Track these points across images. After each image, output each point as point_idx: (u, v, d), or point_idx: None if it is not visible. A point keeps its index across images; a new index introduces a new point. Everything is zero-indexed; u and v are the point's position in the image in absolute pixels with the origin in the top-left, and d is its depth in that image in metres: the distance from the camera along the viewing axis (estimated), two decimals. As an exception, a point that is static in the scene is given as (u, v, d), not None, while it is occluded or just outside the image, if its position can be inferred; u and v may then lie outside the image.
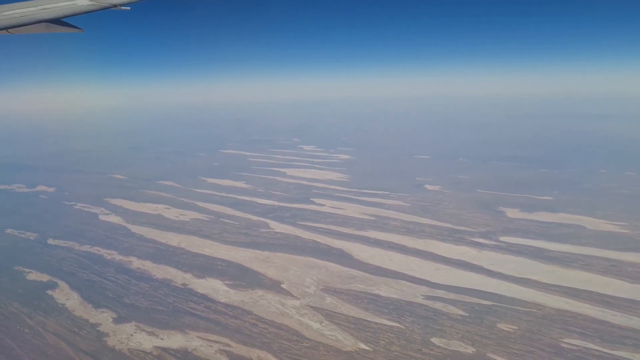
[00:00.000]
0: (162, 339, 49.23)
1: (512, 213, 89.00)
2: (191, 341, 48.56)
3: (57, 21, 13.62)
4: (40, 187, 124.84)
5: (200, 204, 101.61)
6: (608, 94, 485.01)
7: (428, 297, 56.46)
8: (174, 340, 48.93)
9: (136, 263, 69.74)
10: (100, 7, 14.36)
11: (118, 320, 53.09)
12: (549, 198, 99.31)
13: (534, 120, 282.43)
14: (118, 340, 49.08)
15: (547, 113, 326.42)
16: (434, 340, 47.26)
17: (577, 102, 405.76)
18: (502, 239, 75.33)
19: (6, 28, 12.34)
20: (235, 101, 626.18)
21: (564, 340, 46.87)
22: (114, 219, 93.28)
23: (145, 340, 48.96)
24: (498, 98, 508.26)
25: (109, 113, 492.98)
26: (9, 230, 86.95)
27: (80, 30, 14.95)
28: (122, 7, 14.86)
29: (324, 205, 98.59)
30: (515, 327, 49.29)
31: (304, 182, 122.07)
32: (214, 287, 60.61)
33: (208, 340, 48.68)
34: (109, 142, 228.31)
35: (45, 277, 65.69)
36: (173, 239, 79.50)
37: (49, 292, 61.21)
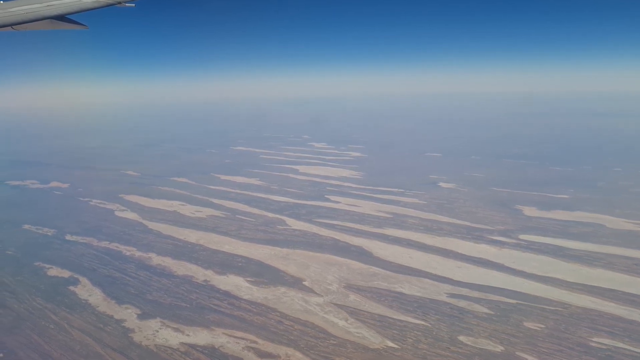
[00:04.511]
0: (188, 335, 49.24)
1: (530, 211, 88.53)
2: (217, 338, 48.54)
3: (62, 18, 13.66)
4: (54, 184, 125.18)
5: (216, 200, 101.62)
6: (618, 91, 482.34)
7: (452, 295, 56.23)
8: (200, 336, 48.92)
9: (156, 259, 69.78)
10: (105, 4, 14.36)
11: (142, 317, 53.12)
12: (565, 196, 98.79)
13: (543, 117, 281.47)
14: (144, 337, 49.10)
15: (556, 111, 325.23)
16: (462, 338, 47.04)
17: (586, 100, 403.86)
18: (521, 237, 74.95)
19: (11, 25, 12.33)
20: (242, 98, 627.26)
21: (592, 339, 46.57)
22: (130, 215, 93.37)
23: (171, 337, 48.96)
24: (506, 95, 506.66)
25: (115, 110, 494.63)
26: (26, 226, 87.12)
27: (85, 27, 14.95)
28: (127, 4, 14.82)
29: (340, 202, 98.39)
30: (542, 326, 49.01)
31: (317, 180, 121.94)
32: (236, 284, 60.56)
33: (234, 337, 48.63)
34: (117, 139, 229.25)
35: (66, 273, 65.77)
36: (191, 236, 79.52)
37: (71, 288, 61.28)
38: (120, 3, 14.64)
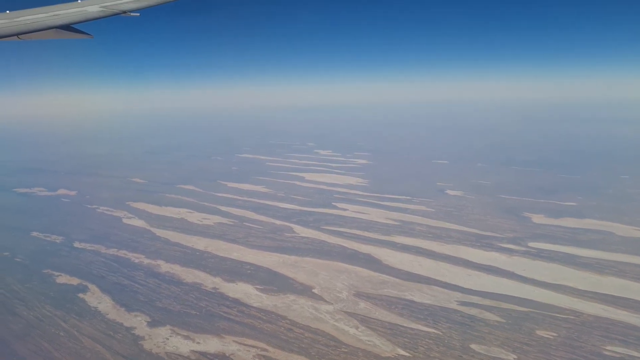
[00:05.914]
0: (198, 343, 49.11)
1: (538, 219, 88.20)
2: (228, 345, 48.38)
3: (67, 27, 13.81)
4: (61, 191, 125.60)
5: (223, 208, 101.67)
6: (623, 98, 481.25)
7: (462, 303, 55.93)
8: (211, 344, 48.77)
9: (164, 267, 69.78)
10: (110, 14, 14.51)
11: (152, 324, 53.03)
12: (574, 204, 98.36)
13: (548, 125, 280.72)
14: (154, 344, 49.01)
15: (561, 118, 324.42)
16: (474, 346, 46.74)
17: (591, 106, 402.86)
18: (531, 244, 74.61)
19: (17, 34, 12.42)
20: (247, 106, 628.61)
21: (606, 348, 46.18)
22: (138, 222, 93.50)
23: (181, 344, 48.85)
24: (510, 103, 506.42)
25: (120, 118, 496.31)
26: (34, 234, 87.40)
27: (90, 37, 15.06)
28: (132, 14, 14.94)
29: (347, 209, 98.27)
30: (554, 334, 48.65)
31: (324, 187, 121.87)
32: (245, 292, 60.44)
33: (245, 344, 48.47)
34: (123, 147, 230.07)
35: (75, 281, 65.85)
36: (199, 243, 79.52)
37: (81, 295, 61.30)
38: (125, 12, 14.77)
